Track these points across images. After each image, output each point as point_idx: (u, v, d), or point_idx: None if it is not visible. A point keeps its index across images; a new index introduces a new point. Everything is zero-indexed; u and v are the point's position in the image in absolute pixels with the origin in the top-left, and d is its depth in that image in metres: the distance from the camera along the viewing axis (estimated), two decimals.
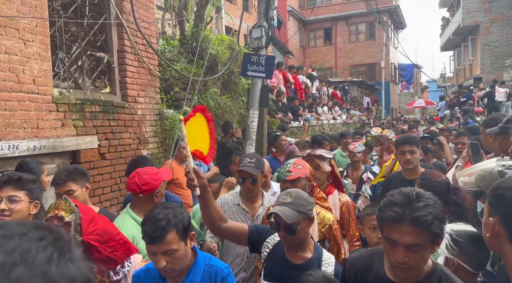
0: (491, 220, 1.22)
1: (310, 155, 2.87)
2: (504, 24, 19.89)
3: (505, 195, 1.19)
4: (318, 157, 2.85)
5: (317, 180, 2.74)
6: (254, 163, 2.56)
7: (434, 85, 34.48)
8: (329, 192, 2.86)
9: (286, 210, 1.83)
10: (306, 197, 1.93)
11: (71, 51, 4.20)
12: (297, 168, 2.47)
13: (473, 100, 15.20)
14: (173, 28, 8.33)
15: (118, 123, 4.47)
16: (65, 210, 1.74)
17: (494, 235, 1.21)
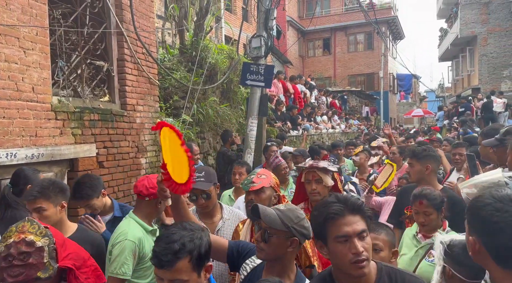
0: (471, 239, 1.23)
1: (312, 166, 2.61)
2: (502, 35, 20.07)
3: (479, 215, 1.20)
4: (321, 169, 2.59)
5: (318, 195, 2.54)
6: (203, 177, 2.37)
7: (433, 95, 34.65)
8: None
9: (269, 211, 1.71)
10: (300, 217, 1.71)
11: (71, 59, 4.21)
12: (260, 178, 2.33)
13: (472, 111, 15.26)
14: (173, 37, 8.39)
15: (117, 131, 4.47)
16: (35, 234, 1.53)
17: (475, 253, 1.22)
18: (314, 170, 2.59)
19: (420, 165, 3.05)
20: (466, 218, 1.29)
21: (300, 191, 2.75)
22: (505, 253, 1.16)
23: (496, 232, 1.16)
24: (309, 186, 2.58)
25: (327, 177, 2.57)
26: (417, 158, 3.07)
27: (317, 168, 2.58)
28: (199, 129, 6.29)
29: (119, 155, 4.48)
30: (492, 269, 1.22)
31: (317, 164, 2.60)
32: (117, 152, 4.45)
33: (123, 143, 4.56)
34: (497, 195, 1.22)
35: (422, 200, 2.52)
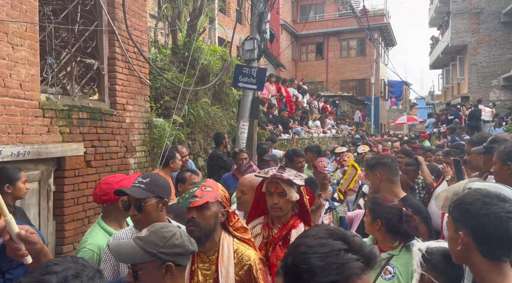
0: (461, 234, 1.30)
1: (275, 177, 2.20)
2: (491, 45, 20.40)
3: (469, 209, 1.30)
4: (286, 182, 2.19)
5: (280, 211, 2.22)
6: (145, 184, 1.96)
7: (423, 102, 35.06)
8: (293, 226, 2.26)
9: (125, 247, 1.46)
10: (166, 236, 1.46)
11: (61, 56, 4.16)
12: (205, 191, 1.93)
13: (461, 118, 15.45)
14: (165, 37, 8.35)
15: (106, 130, 4.41)
16: None
17: (463, 248, 1.30)
18: (277, 182, 2.21)
19: (371, 175, 2.92)
20: (452, 216, 1.37)
21: (260, 202, 2.38)
22: (493, 244, 1.26)
23: (485, 223, 1.25)
24: (270, 199, 2.24)
25: (291, 191, 2.20)
26: (368, 168, 2.96)
27: (281, 179, 2.19)
28: (190, 130, 6.25)
29: (107, 155, 4.43)
30: (477, 262, 1.29)
31: (281, 175, 2.19)
32: (105, 152, 4.40)
33: (112, 143, 4.50)
34: (483, 192, 1.35)
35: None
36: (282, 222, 2.28)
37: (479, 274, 1.31)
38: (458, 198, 1.40)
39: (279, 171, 2.24)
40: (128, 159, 4.78)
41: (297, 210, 2.35)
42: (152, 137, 5.23)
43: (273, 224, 2.30)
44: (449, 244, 1.41)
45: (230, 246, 1.94)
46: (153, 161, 5.23)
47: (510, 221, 1.24)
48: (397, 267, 2.22)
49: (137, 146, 4.96)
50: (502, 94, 20.26)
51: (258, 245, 2.23)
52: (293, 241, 1.00)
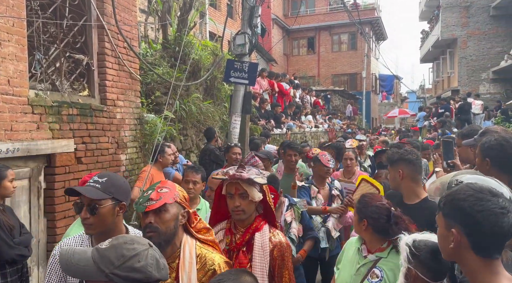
0: (454, 232, 1.27)
1: (234, 177, 2.03)
2: (481, 39, 20.57)
3: (463, 206, 1.25)
4: (246, 181, 2.03)
5: (242, 213, 2.05)
6: (101, 183, 1.75)
7: (414, 96, 35.27)
8: (257, 229, 2.11)
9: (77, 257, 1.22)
10: (126, 255, 1.20)
11: (49, 52, 4.09)
12: (161, 193, 1.73)
13: (451, 112, 15.59)
14: (156, 32, 8.27)
15: (96, 126, 4.37)
16: None
17: (456, 245, 1.27)
18: (238, 182, 2.04)
19: (393, 170, 2.73)
20: (443, 212, 1.33)
21: (220, 207, 2.21)
22: (487, 242, 1.23)
23: (480, 221, 1.22)
24: (232, 202, 2.06)
25: (254, 191, 2.04)
26: (390, 163, 2.76)
27: (241, 179, 2.02)
28: (182, 125, 6.22)
29: (98, 151, 4.39)
30: (469, 260, 1.27)
31: (241, 174, 2.03)
32: (96, 148, 4.36)
33: (103, 139, 4.47)
34: (475, 187, 1.30)
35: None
36: (245, 225, 2.11)
37: (470, 272, 1.28)
38: (449, 193, 1.35)
39: (238, 171, 2.06)
40: (119, 156, 4.75)
41: (261, 211, 2.19)
42: (143, 133, 5.19)
43: (236, 229, 2.14)
44: (440, 241, 1.38)
45: (192, 250, 1.75)
46: (145, 157, 5.20)
47: (504, 216, 1.21)
48: (384, 271, 2.11)
49: (128, 142, 4.92)
50: (491, 87, 20.48)
51: None
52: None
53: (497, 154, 2.20)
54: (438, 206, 1.38)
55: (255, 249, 2.06)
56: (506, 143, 2.20)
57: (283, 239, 2.15)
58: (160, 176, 4.29)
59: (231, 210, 2.09)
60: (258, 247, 2.07)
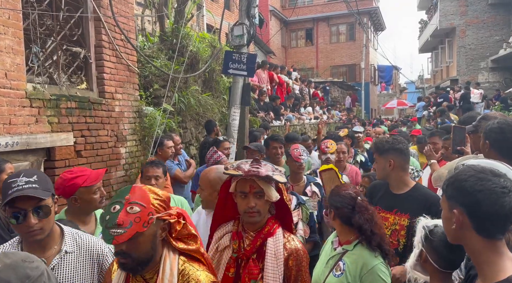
0: (456, 213, 1.27)
1: (250, 174, 1.76)
2: (479, 27, 20.47)
3: (464, 186, 1.26)
4: (264, 179, 1.77)
5: (257, 215, 1.79)
6: (36, 182, 1.57)
7: (413, 86, 35.22)
8: (269, 233, 1.83)
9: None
10: (34, 276, 1.01)
11: (46, 45, 4.06)
12: (131, 214, 1.35)
13: (450, 101, 15.58)
14: (153, 25, 8.22)
15: (95, 120, 4.36)
16: None
17: (459, 226, 1.27)
18: (253, 179, 1.77)
19: (382, 160, 2.65)
20: (446, 194, 1.33)
21: (226, 206, 1.94)
22: (488, 222, 1.23)
23: (481, 200, 1.22)
24: (244, 202, 1.78)
25: (271, 189, 1.79)
26: (379, 152, 2.68)
27: (258, 176, 1.75)
28: (181, 118, 6.21)
29: (97, 144, 4.38)
30: (473, 241, 1.27)
31: (258, 171, 1.76)
32: (95, 141, 4.35)
33: (102, 132, 4.45)
34: (477, 168, 1.30)
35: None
36: (256, 228, 1.85)
37: (474, 253, 1.28)
38: (451, 175, 1.35)
39: (254, 166, 1.78)
40: (119, 149, 4.74)
41: (274, 212, 1.93)
42: (142, 126, 5.18)
43: (245, 232, 1.86)
44: (444, 223, 1.38)
45: (174, 267, 1.46)
46: (145, 150, 5.20)
47: (506, 196, 1.20)
48: (347, 264, 2.03)
49: (127, 135, 4.91)
50: (490, 76, 20.43)
51: (226, 261, 1.84)
52: None
53: (496, 137, 2.20)
54: (442, 189, 1.38)
55: (268, 257, 1.79)
56: (507, 127, 2.20)
57: (299, 246, 1.86)
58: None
59: (243, 211, 1.80)
60: (271, 255, 1.79)
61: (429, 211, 2.28)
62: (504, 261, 1.23)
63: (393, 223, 2.54)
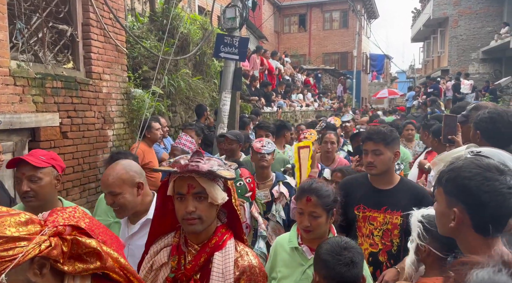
0: (456, 211, 1.21)
1: (188, 169, 1.37)
2: (472, 18, 20.50)
3: (469, 185, 1.18)
4: (206, 175, 1.38)
5: (199, 223, 1.40)
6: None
7: (403, 76, 35.32)
8: (217, 246, 1.46)
9: None
10: None
11: (31, 21, 3.92)
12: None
13: (440, 91, 15.68)
14: (142, 5, 8.01)
15: (82, 100, 4.26)
16: None
17: (458, 224, 1.22)
18: (193, 176, 1.38)
19: (389, 152, 2.33)
20: (445, 189, 1.25)
21: (166, 214, 1.55)
22: (490, 222, 1.18)
23: (487, 201, 1.15)
24: (182, 206, 1.40)
25: (215, 189, 1.40)
26: (385, 143, 2.31)
27: (198, 171, 1.37)
28: (170, 102, 6.11)
29: (84, 126, 4.29)
30: (469, 238, 1.22)
31: (198, 165, 1.36)
32: (82, 123, 4.26)
33: (88, 113, 4.36)
34: (482, 165, 1.20)
35: (311, 196, 1.88)
36: (201, 240, 1.46)
37: (469, 249, 1.24)
38: (452, 169, 1.25)
39: (194, 160, 1.39)
40: (106, 131, 4.65)
41: (225, 219, 1.55)
42: (130, 108, 5.08)
43: (187, 246, 1.48)
44: (439, 218, 1.31)
45: None
46: (133, 133, 5.12)
47: (511, 197, 1.15)
48: None
49: (115, 117, 4.82)
50: (480, 67, 20.57)
51: (161, 282, 1.48)
52: None
53: (487, 126, 2.19)
54: (439, 181, 1.30)
55: (213, 277, 1.42)
56: (497, 117, 2.19)
57: (255, 262, 1.47)
58: (151, 152, 4.23)
59: (181, 218, 1.41)
60: (218, 274, 1.42)
61: (420, 205, 2.14)
62: None
63: (383, 223, 2.29)
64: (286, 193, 3.02)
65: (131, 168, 1.91)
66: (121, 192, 1.84)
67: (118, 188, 1.83)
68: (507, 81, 16.58)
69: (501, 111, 2.25)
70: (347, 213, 2.34)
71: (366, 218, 2.33)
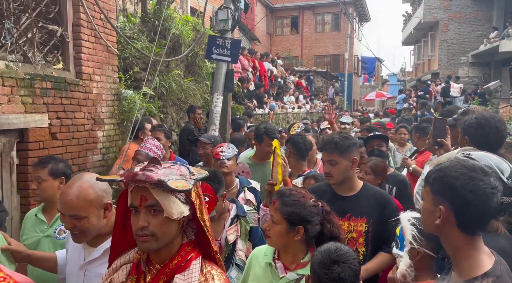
0: (442, 209, 1.26)
1: (136, 179, 1.20)
2: (462, 22, 20.78)
3: (454, 184, 1.23)
4: (157, 185, 1.20)
5: (153, 241, 1.23)
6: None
7: (394, 78, 35.62)
8: (179, 267, 1.28)
9: None
10: None
11: (20, 21, 3.87)
12: None
13: (430, 94, 15.85)
14: (134, 6, 7.97)
15: (71, 101, 4.21)
16: None
17: (443, 222, 1.26)
18: (146, 187, 1.21)
19: (345, 160, 2.23)
20: (432, 188, 1.31)
21: (126, 228, 1.34)
22: (473, 220, 1.24)
23: (471, 200, 1.21)
24: (135, 221, 1.24)
25: (171, 201, 1.21)
26: (339, 151, 2.23)
27: (149, 181, 1.18)
28: (162, 103, 6.08)
29: (73, 127, 4.24)
30: (453, 236, 1.27)
31: (149, 174, 1.19)
32: (71, 124, 4.21)
33: (78, 114, 4.31)
34: (468, 165, 1.26)
35: (276, 199, 1.79)
36: (162, 259, 1.29)
37: (452, 247, 1.30)
38: (440, 169, 1.31)
39: (147, 168, 1.22)
40: (96, 132, 4.61)
41: (193, 236, 1.34)
42: (121, 110, 5.04)
43: (148, 264, 1.31)
44: (425, 215, 1.36)
45: None
46: (123, 134, 5.08)
47: (494, 196, 1.22)
48: None
49: (105, 119, 4.78)
50: (470, 71, 20.84)
51: None
52: None
53: (475, 132, 2.23)
54: (426, 180, 1.35)
55: None
56: (485, 122, 2.22)
57: None
58: None
59: (134, 233, 1.25)
60: None
61: (385, 210, 2.18)
62: (481, 256, 1.25)
63: (348, 231, 2.21)
64: (253, 199, 2.81)
65: (98, 186, 1.60)
66: (87, 216, 1.56)
67: (84, 212, 1.56)
68: (495, 84, 16.82)
69: (488, 116, 2.28)
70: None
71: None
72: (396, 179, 3.46)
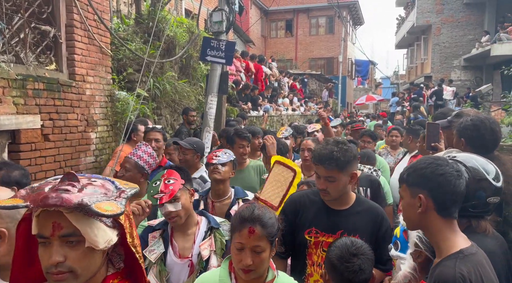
0: (421, 197, 1.39)
1: (46, 203, 0.92)
2: (454, 26, 20.97)
3: (426, 173, 1.40)
4: (76, 208, 0.94)
5: (70, 277, 0.97)
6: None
7: (388, 81, 35.83)
8: None
9: None
10: None
11: (13, 22, 3.83)
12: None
13: (423, 98, 15.96)
14: (128, 7, 7.94)
15: (64, 102, 4.18)
16: None
17: (424, 209, 1.39)
18: (60, 211, 0.97)
19: (344, 176, 1.99)
20: (407, 183, 1.45)
21: (33, 259, 1.12)
22: (448, 202, 1.39)
23: (442, 183, 1.38)
24: (46, 254, 1.00)
25: (95, 228, 0.98)
26: (339, 168, 1.95)
27: (68, 206, 0.92)
28: (156, 105, 6.06)
29: (66, 128, 4.21)
30: (433, 221, 1.40)
31: (62, 198, 0.92)
32: (64, 125, 4.17)
33: (71, 116, 4.28)
34: (433, 157, 1.48)
35: (254, 226, 1.50)
36: None
37: (433, 233, 1.41)
38: (410, 166, 1.48)
39: (60, 187, 0.95)
40: (89, 134, 4.57)
41: (122, 265, 1.12)
42: (114, 111, 5.01)
43: None
44: (406, 211, 1.46)
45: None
46: (116, 136, 5.04)
47: (460, 178, 1.40)
48: None
49: (98, 120, 4.74)
50: (462, 74, 21.02)
51: None
52: None
53: (471, 134, 2.23)
54: (401, 179, 1.48)
55: None
56: (481, 124, 2.24)
57: None
58: None
59: (45, 270, 0.98)
60: None
61: (379, 229, 2.03)
62: (457, 237, 1.40)
63: None
64: None
65: None
66: None
67: None
68: (487, 88, 16.98)
69: (483, 118, 2.30)
70: (296, 237, 2.01)
71: (318, 244, 1.99)
72: (368, 180, 3.40)
